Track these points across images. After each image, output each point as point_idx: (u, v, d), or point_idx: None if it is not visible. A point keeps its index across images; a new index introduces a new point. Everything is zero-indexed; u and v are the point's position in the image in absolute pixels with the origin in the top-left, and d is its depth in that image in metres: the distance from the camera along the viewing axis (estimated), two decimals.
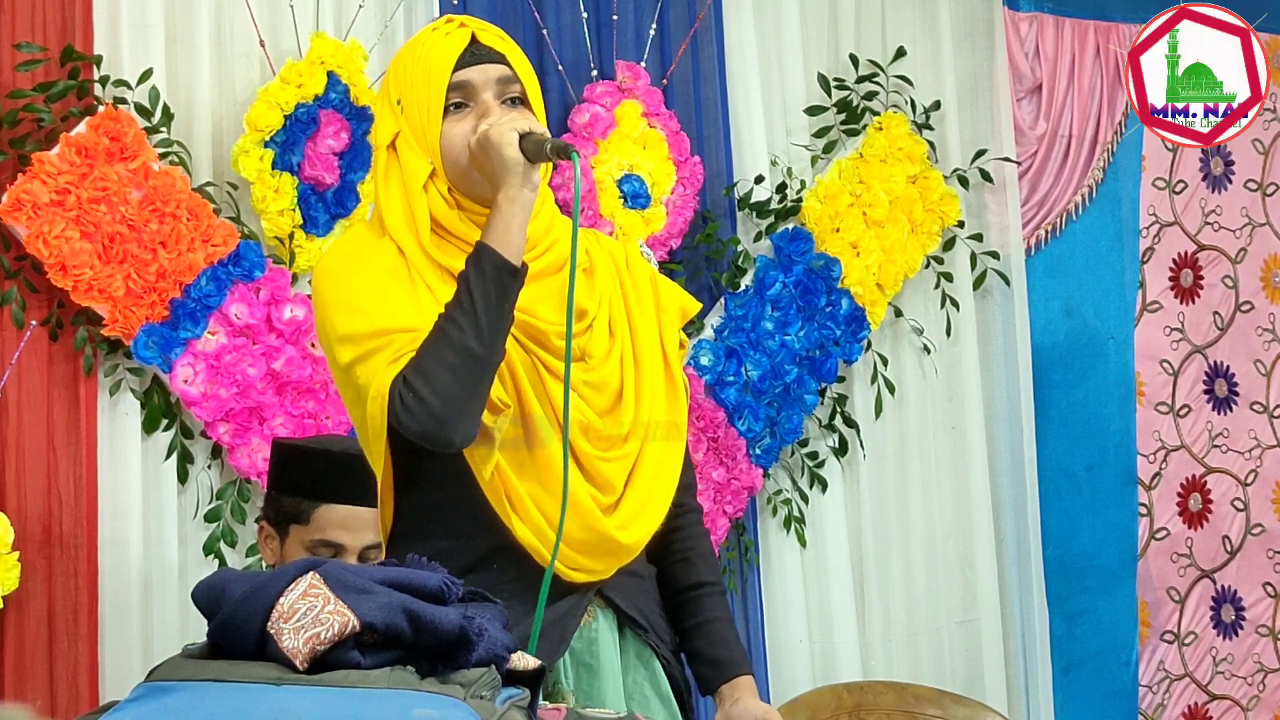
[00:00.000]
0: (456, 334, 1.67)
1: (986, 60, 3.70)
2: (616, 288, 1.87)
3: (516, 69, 1.78)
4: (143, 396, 2.70)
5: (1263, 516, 4.08)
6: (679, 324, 1.91)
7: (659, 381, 1.84)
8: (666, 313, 1.88)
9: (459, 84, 1.77)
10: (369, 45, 2.90)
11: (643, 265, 1.92)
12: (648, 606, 1.86)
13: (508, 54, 1.79)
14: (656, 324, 1.87)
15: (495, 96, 1.77)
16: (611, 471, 1.79)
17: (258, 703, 1.31)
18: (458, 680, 1.38)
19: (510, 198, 1.70)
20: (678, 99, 3.24)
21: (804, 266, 3.29)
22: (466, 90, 1.77)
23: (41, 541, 2.60)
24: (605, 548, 1.78)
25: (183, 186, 2.68)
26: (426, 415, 1.67)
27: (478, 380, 1.68)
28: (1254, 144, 4.10)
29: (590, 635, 1.81)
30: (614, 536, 1.77)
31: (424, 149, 1.78)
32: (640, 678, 1.85)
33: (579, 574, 1.78)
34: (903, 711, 3.23)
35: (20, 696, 2.55)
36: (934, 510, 3.57)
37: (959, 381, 3.61)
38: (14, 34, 2.62)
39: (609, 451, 1.79)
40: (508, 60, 1.78)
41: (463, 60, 1.77)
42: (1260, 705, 4.05)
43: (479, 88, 1.77)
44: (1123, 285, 3.88)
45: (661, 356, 1.86)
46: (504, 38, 1.82)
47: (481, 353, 1.67)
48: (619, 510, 1.80)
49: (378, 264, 1.77)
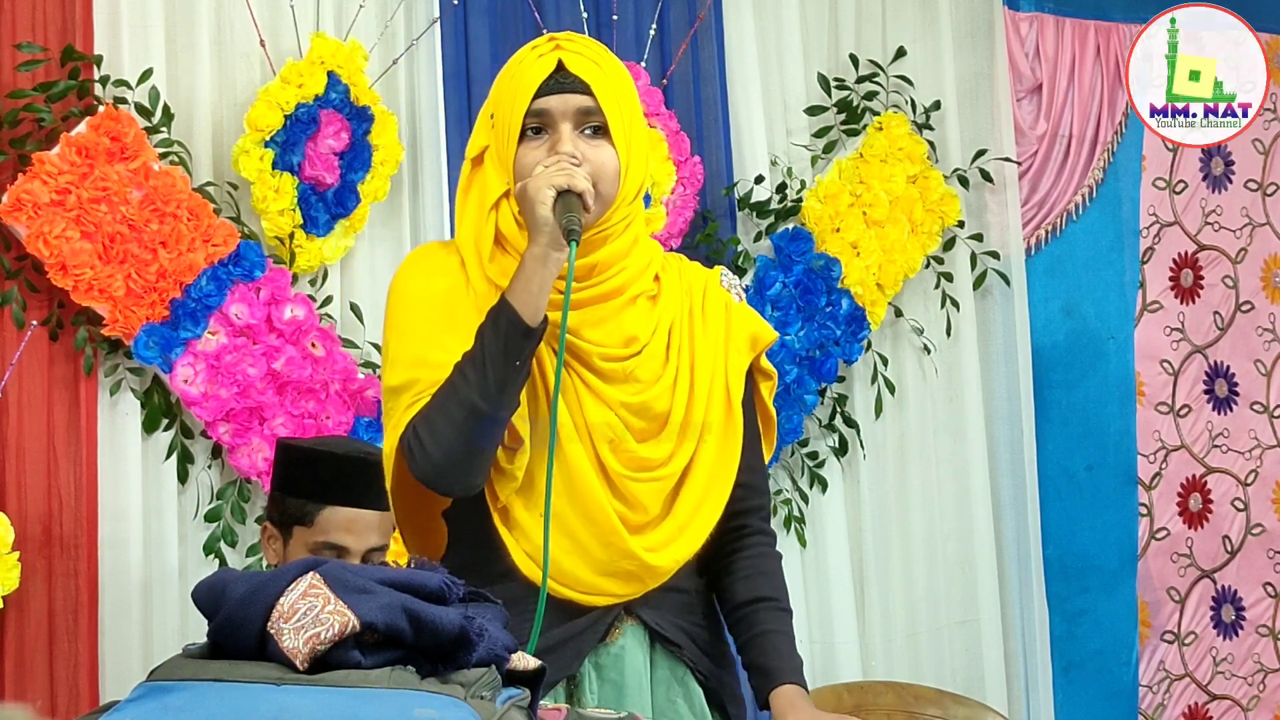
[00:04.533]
0: (464, 388, 1.70)
1: (986, 60, 3.70)
2: (685, 315, 1.84)
3: (601, 99, 1.76)
4: (143, 396, 2.70)
5: (1263, 516, 4.08)
6: (750, 353, 1.87)
7: (716, 412, 1.82)
8: (734, 342, 1.85)
9: (538, 110, 1.76)
10: (369, 45, 2.90)
11: (719, 294, 1.88)
12: (689, 622, 1.83)
13: (594, 83, 1.76)
14: (724, 355, 1.85)
15: (574, 126, 1.76)
16: (645, 492, 1.78)
17: (258, 703, 1.31)
18: (458, 680, 1.38)
19: (535, 256, 1.69)
20: (678, 99, 3.24)
21: (804, 266, 3.29)
22: (545, 117, 1.76)
23: (41, 541, 2.60)
24: (627, 568, 1.76)
25: (183, 186, 2.68)
26: (429, 465, 1.72)
27: (480, 435, 1.70)
28: (1254, 144, 4.10)
29: (616, 652, 1.79)
30: (640, 556, 1.76)
31: (503, 169, 1.79)
32: (674, 694, 1.82)
33: (598, 598, 1.77)
34: (903, 711, 3.23)
35: (20, 696, 2.55)
36: (934, 510, 3.57)
37: (959, 381, 3.61)
38: (14, 34, 2.62)
39: (640, 473, 1.78)
40: (592, 90, 1.76)
41: (545, 87, 1.76)
42: (1260, 705, 4.05)
43: (557, 116, 1.76)
44: (1123, 285, 3.88)
45: (724, 388, 1.83)
46: (599, 62, 1.79)
47: (486, 409, 1.68)
48: (654, 532, 1.79)
49: (438, 283, 1.80)
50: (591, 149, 1.75)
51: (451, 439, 1.70)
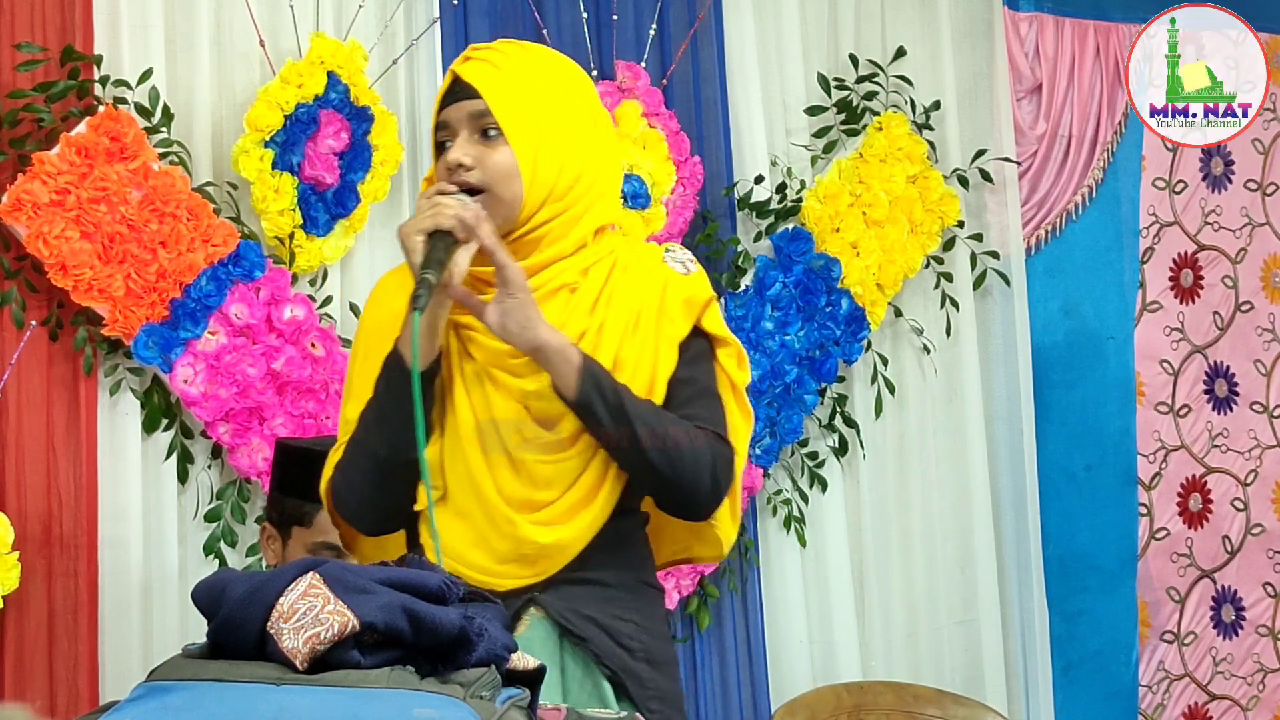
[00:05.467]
0: (368, 439, 1.79)
1: (986, 60, 3.70)
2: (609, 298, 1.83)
3: (491, 100, 1.76)
4: (143, 396, 2.70)
5: (1263, 516, 4.08)
6: (686, 320, 1.83)
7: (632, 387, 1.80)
8: (667, 313, 1.83)
9: (442, 123, 1.81)
10: (369, 45, 2.90)
11: (658, 273, 1.85)
12: (607, 615, 1.82)
13: (485, 85, 1.77)
14: (655, 330, 1.82)
15: (471, 132, 1.78)
16: (554, 474, 1.79)
17: (258, 703, 1.31)
18: (458, 680, 1.38)
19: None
20: (678, 99, 3.24)
21: (804, 266, 3.29)
22: (448, 129, 1.80)
23: (41, 541, 2.60)
24: (525, 552, 1.78)
25: (183, 186, 2.68)
26: (349, 512, 1.85)
27: (389, 480, 1.74)
28: (1254, 144, 4.10)
29: (523, 644, 1.74)
30: (536, 539, 1.77)
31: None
32: (585, 688, 1.82)
33: (502, 581, 1.78)
34: (902, 711, 3.23)
35: (20, 696, 2.55)
36: (934, 510, 3.57)
37: (959, 381, 3.61)
38: (14, 34, 2.62)
39: (548, 455, 1.79)
40: (481, 93, 1.77)
41: (444, 99, 1.80)
42: (1260, 705, 4.05)
43: (455, 125, 1.79)
44: (1122, 285, 3.88)
45: (650, 367, 1.81)
46: (499, 65, 1.79)
47: (390, 455, 1.72)
48: (546, 509, 1.79)
49: (387, 305, 1.85)
50: (486, 151, 1.76)
51: (364, 488, 1.80)
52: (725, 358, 1.88)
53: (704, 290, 1.86)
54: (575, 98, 1.83)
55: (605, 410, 1.73)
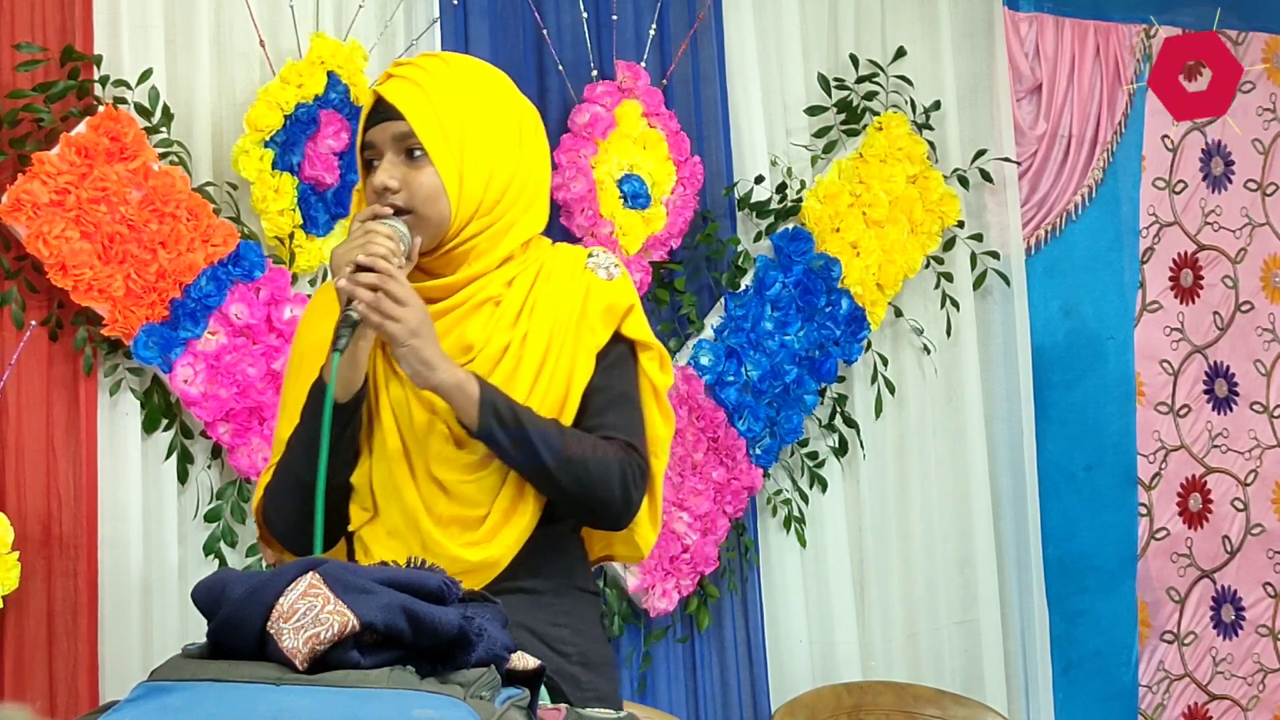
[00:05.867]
0: (295, 466, 1.81)
1: (986, 60, 3.70)
2: (532, 308, 1.85)
3: (414, 121, 1.79)
4: (143, 396, 2.70)
5: (1263, 516, 4.08)
6: (606, 329, 1.87)
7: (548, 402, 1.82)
8: (587, 321, 1.86)
9: (368, 143, 1.83)
10: (369, 45, 2.90)
11: (579, 279, 1.88)
12: (537, 620, 1.84)
13: (408, 107, 1.79)
14: (574, 338, 1.85)
15: (395, 153, 1.81)
16: (477, 491, 1.82)
17: (257, 703, 1.31)
18: (457, 680, 1.38)
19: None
20: (678, 99, 3.24)
21: (804, 266, 3.29)
22: (373, 150, 1.83)
23: (41, 541, 2.60)
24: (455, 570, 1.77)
25: (183, 186, 2.68)
26: (279, 536, 1.89)
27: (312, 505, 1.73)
28: (1254, 144, 4.10)
29: None
30: (464, 557, 1.79)
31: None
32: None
33: None
34: (902, 712, 3.23)
35: (20, 696, 2.55)
36: (934, 510, 3.57)
37: (959, 382, 3.61)
38: (14, 34, 2.62)
39: (471, 474, 1.82)
40: (404, 115, 1.79)
41: (369, 120, 1.83)
42: (1260, 705, 4.05)
43: (381, 147, 1.82)
44: (1122, 285, 3.88)
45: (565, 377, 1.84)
46: (422, 83, 1.81)
47: (310, 479, 1.71)
48: (478, 527, 1.81)
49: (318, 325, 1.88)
50: (411, 173, 1.80)
51: (293, 512, 1.82)
52: (647, 361, 1.91)
53: (625, 296, 1.89)
54: (499, 111, 1.86)
55: (507, 438, 1.77)
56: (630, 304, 1.89)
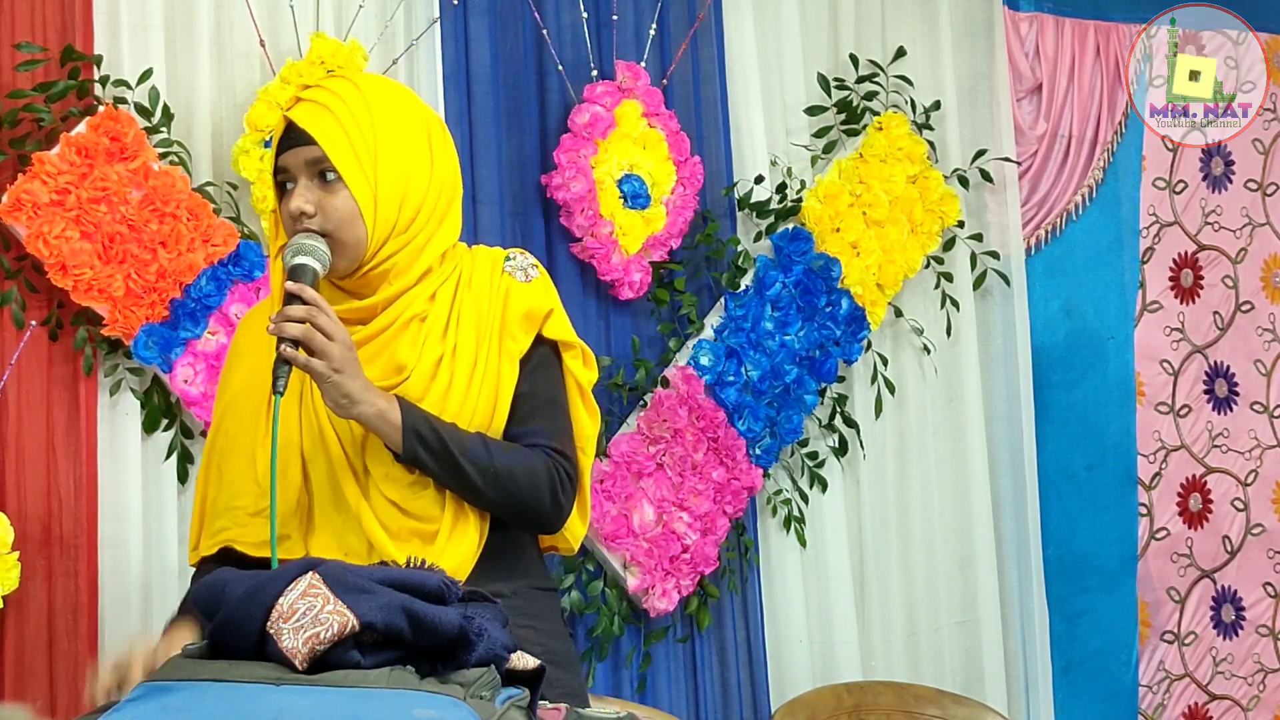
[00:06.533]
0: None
1: (986, 60, 3.70)
2: (458, 320, 1.87)
3: (327, 146, 1.80)
4: (143, 396, 2.70)
5: (1263, 516, 4.08)
6: (526, 334, 1.89)
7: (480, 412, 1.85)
8: (509, 328, 1.88)
9: (280, 168, 1.85)
10: (369, 45, 2.90)
11: (498, 284, 1.91)
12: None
13: (320, 132, 1.80)
14: (497, 345, 1.88)
15: (309, 177, 1.82)
16: (427, 504, 1.83)
17: (257, 703, 1.31)
18: (457, 680, 1.38)
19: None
20: (678, 99, 3.24)
21: (804, 266, 3.29)
22: (287, 173, 1.84)
23: (41, 541, 2.60)
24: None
25: (183, 186, 2.68)
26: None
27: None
28: (1254, 144, 4.10)
29: None
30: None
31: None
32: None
33: None
34: (902, 711, 3.23)
35: (20, 696, 2.55)
36: (934, 510, 3.57)
37: (959, 382, 3.61)
38: (14, 34, 2.62)
39: (409, 491, 1.83)
40: (316, 140, 1.80)
41: (281, 144, 1.84)
42: (1260, 705, 4.05)
43: (294, 171, 1.83)
44: (1123, 285, 3.88)
45: (494, 384, 1.87)
46: (331, 106, 1.81)
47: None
48: (434, 541, 1.83)
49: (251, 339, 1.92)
50: (327, 197, 1.81)
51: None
52: (571, 360, 1.95)
53: (544, 300, 1.92)
54: (407, 128, 1.87)
55: (432, 460, 1.79)
56: (549, 308, 1.92)
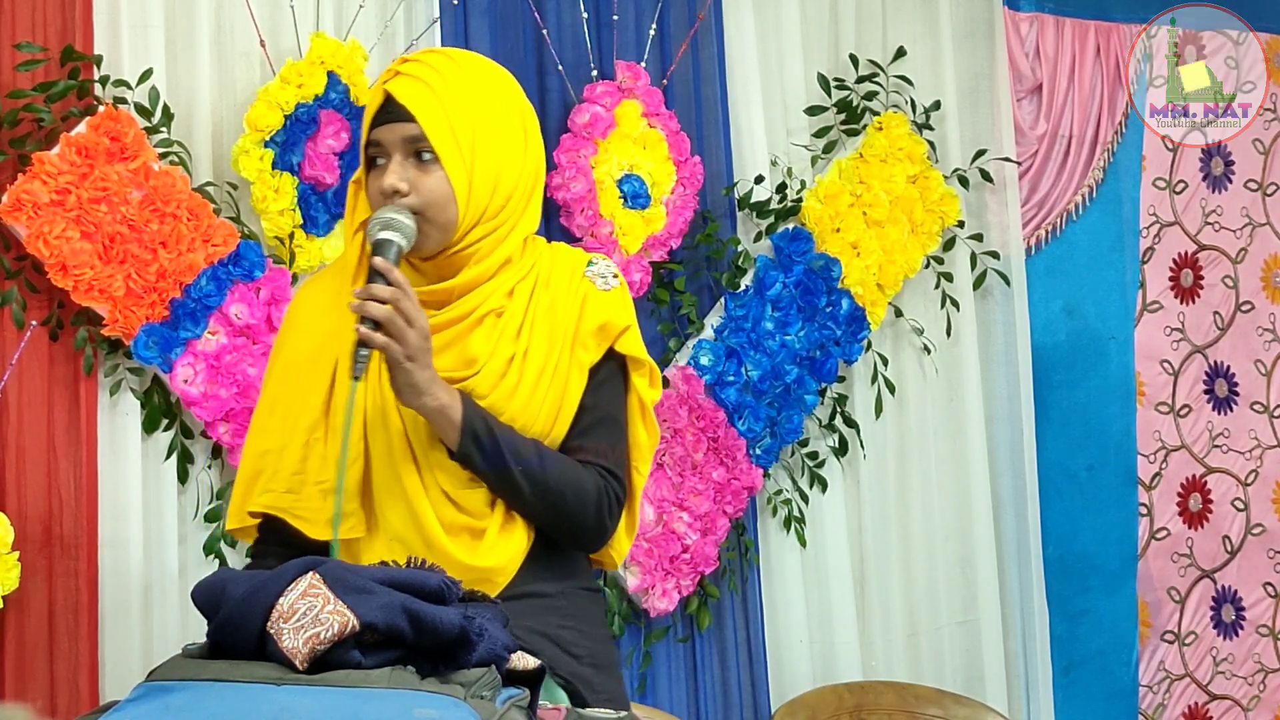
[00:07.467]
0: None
1: (986, 60, 3.70)
2: (534, 320, 1.87)
3: (426, 125, 1.79)
4: (143, 396, 2.69)
5: (1263, 516, 4.08)
6: (598, 347, 1.89)
7: (542, 416, 1.85)
8: (581, 338, 1.88)
9: (374, 141, 1.83)
10: (369, 45, 2.90)
11: (578, 288, 1.90)
12: (549, 625, 1.85)
13: (419, 109, 1.79)
14: (568, 354, 1.87)
15: (404, 155, 1.81)
16: (475, 501, 1.83)
17: (258, 703, 1.31)
18: (458, 680, 1.38)
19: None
20: (678, 99, 3.24)
21: (804, 266, 3.29)
22: (380, 148, 1.82)
23: (41, 541, 2.60)
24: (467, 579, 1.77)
25: (183, 186, 2.68)
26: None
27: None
28: (1254, 144, 4.10)
29: None
30: (475, 566, 1.80)
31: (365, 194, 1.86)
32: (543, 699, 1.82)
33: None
34: (903, 711, 3.23)
35: (20, 696, 2.55)
36: (934, 510, 3.57)
37: (959, 382, 3.61)
38: (14, 34, 2.62)
39: (460, 485, 1.83)
40: (416, 117, 1.79)
41: (377, 118, 1.82)
42: (1260, 705, 4.05)
43: (389, 147, 1.81)
44: (1123, 285, 3.88)
45: (560, 391, 1.86)
46: (431, 84, 1.80)
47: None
48: (483, 536, 1.83)
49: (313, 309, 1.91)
50: (421, 176, 1.80)
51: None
52: (638, 379, 1.94)
53: (621, 315, 1.91)
54: (506, 112, 1.86)
55: (485, 463, 1.79)
56: (625, 324, 1.91)
